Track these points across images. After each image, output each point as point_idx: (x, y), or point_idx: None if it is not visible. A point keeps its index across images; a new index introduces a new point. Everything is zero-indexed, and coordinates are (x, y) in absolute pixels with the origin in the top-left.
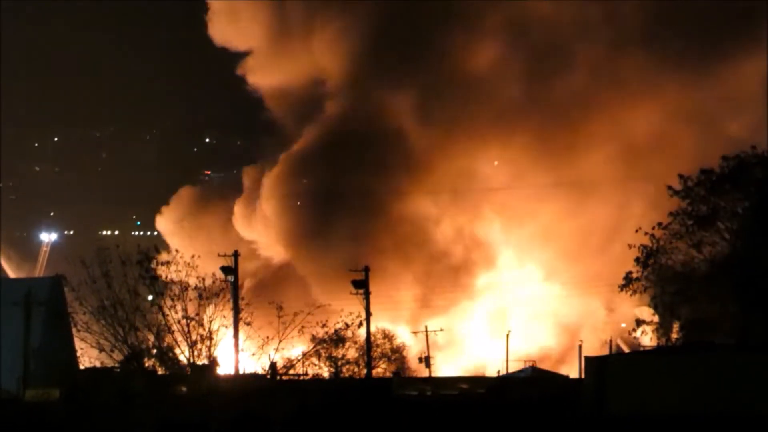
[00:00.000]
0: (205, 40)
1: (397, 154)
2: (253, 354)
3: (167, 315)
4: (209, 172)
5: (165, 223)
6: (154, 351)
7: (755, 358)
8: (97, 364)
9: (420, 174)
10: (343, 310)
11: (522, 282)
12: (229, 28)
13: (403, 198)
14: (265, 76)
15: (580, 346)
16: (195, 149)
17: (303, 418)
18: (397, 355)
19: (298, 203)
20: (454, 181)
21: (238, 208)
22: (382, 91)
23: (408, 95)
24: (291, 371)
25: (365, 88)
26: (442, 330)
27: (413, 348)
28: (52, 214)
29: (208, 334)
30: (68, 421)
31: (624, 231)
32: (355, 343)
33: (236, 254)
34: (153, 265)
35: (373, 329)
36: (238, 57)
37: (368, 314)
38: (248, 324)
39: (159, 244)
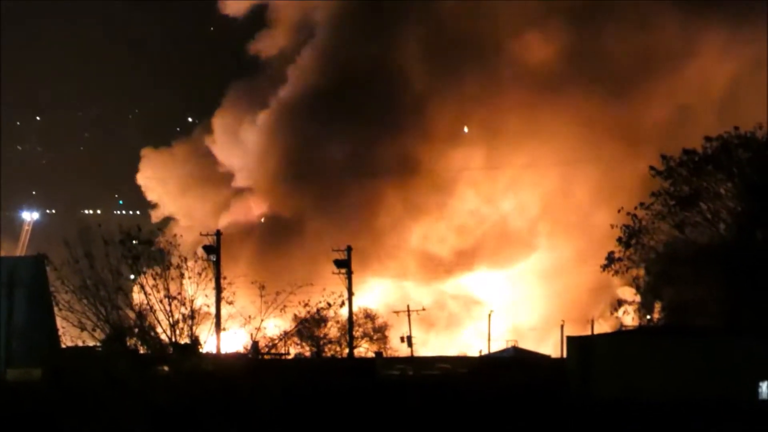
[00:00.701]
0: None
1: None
2: (235, 333)
3: (149, 294)
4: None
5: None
6: (136, 330)
7: (741, 342)
8: (79, 344)
9: (403, 153)
10: (325, 290)
11: (506, 261)
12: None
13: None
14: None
15: (562, 326)
16: (178, 129)
17: (287, 399)
18: (378, 334)
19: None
20: (435, 162)
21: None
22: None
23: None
24: (273, 351)
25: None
26: (424, 309)
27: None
28: (34, 193)
29: (189, 314)
30: (51, 403)
31: (607, 211)
32: (338, 322)
33: (218, 234)
34: (136, 242)
35: (356, 309)
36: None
37: (350, 294)
38: (230, 303)
39: (142, 224)
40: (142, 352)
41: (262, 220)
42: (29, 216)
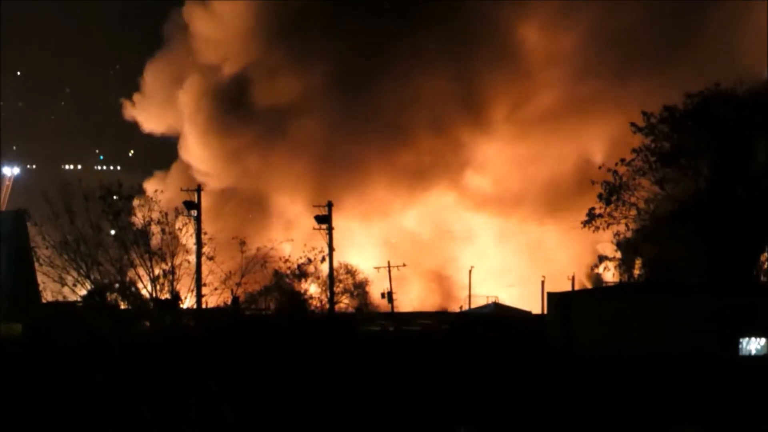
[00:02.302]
0: None
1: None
2: (216, 289)
3: (129, 250)
4: None
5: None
6: (117, 286)
7: (721, 299)
8: (60, 299)
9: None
10: (306, 245)
11: (487, 217)
12: None
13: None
14: None
15: (543, 282)
16: None
17: (267, 353)
18: (359, 290)
19: None
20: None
21: None
22: None
23: None
24: (253, 306)
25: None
26: (404, 265)
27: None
28: (14, 148)
29: (170, 269)
30: (31, 358)
31: (587, 167)
32: (318, 278)
33: (199, 189)
34: (116, 198)
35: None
36: None
37: (331, 249)
38: (211, 259)
39: (123, 179)
40: (123, 307)
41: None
42: (10, 171)
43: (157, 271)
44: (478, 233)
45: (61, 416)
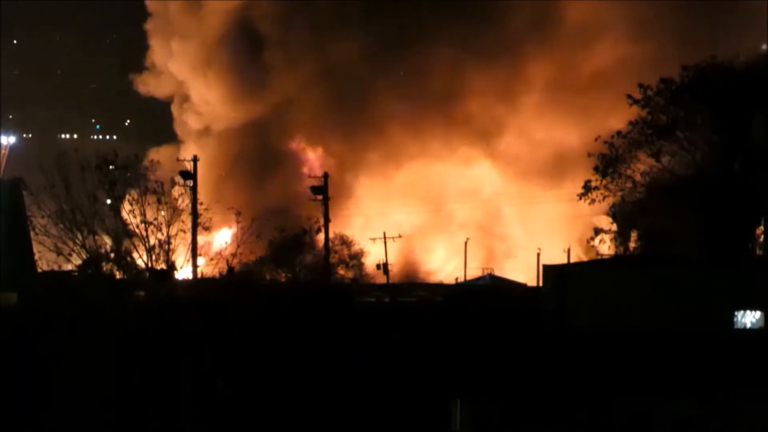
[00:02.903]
0: None
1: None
2: (212, 259)
3: (125, 219)
4: None
5: None
6: (112, 255)
7: (717, 272)
8: (55, 268)
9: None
10: (301, 216)
11: (482, 189)
12: None
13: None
14: None
15: (539, 255)
16: None
17: (262, 322)
18: (354, 261)
19: None
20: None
21: None
22: None
23: None
24: (249, 276)
25: None
26: (400, 237)
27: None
28: (11, 117)
29: (166, 239)
30: (26, 328)
31: (584, 139)
32: (313, 249)
33: (195, 159)
34: (112, 167)
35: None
36: None
37: (326, 220)
38: (207, 229)
39: (119, 149)
40: (118, 277)
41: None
42: (6, 140)
43: (153, 241)
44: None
45: (54, 386)
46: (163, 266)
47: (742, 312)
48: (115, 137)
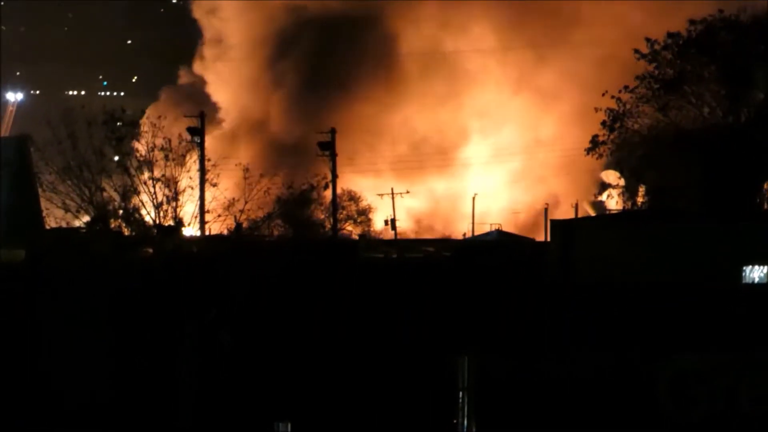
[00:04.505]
0: None
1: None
2: (219, 215)
3: (133, 176)
4: None
5: None
6: (120, 212)
7: (725, 227)
8: (63, 225)
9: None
10: (308, 171)
11: (487, 147)
12: None
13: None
14: None
15: (546, 209)
16: (162, 10)
17: (266, 278)
18: (363, 217)
19: None
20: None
21: None
22: None
23: None
24: (256, 233)
25: None
26: (408, 192)
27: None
28: (18, 74)
29: (174, 195)
30: (31, 284)
31: (591, 94)
32: (321, 204)
33: (202, 115)
34: (119, 124)
35: (340, 192)
36: None
37: (334, 176)
38: (214, 185)
39: (126, 105)
40: (126, 234)
41: None
42: (13, 97)
43: (160, 197)
44: (484, 159)
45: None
46: (171, 223)
47: (750, 267)
48: (122, 94)
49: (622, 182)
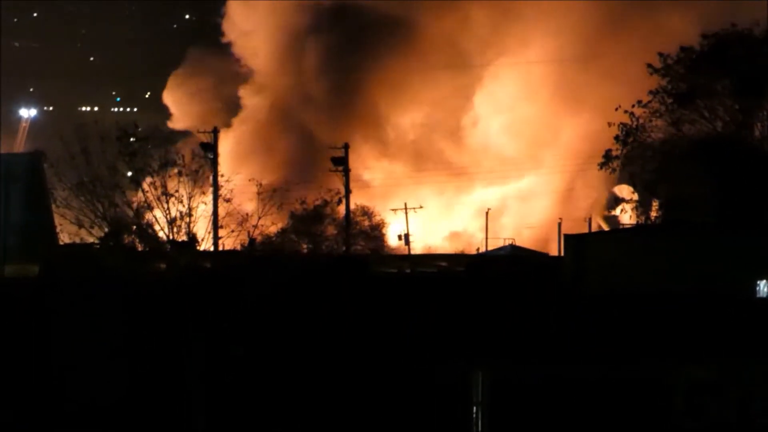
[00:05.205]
0: None
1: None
2: (232, 231)
3: (146, 192)
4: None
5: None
6: (134, 228)
7: (739, 241)
8: (77, 241)
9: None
10: (322, 187)
11: (503, 160)
12: None
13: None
14: None
15: (560, 224)
16: (174, 26)
17: (277, 290)
18: (376, 232)
19: None
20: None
21: None
22: None
23: None
24: (269, 247)
25: None
26: (421, 207)
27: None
28: (31, 90)
29: (187, 211)
30: (45, 299)
31: (604, 109)
32: (334, 220)
33: (216, 131)
34: (132, 139)
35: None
36: None
37: (347, 191)
38: (227, 201)
39: (139, 121)
40: (140, 249)
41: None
42: (27, 113)
43: (174, 213)
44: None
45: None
46: (185, 238)
47: (764, 281)
48: (135, 109)
49: (635, 197)
